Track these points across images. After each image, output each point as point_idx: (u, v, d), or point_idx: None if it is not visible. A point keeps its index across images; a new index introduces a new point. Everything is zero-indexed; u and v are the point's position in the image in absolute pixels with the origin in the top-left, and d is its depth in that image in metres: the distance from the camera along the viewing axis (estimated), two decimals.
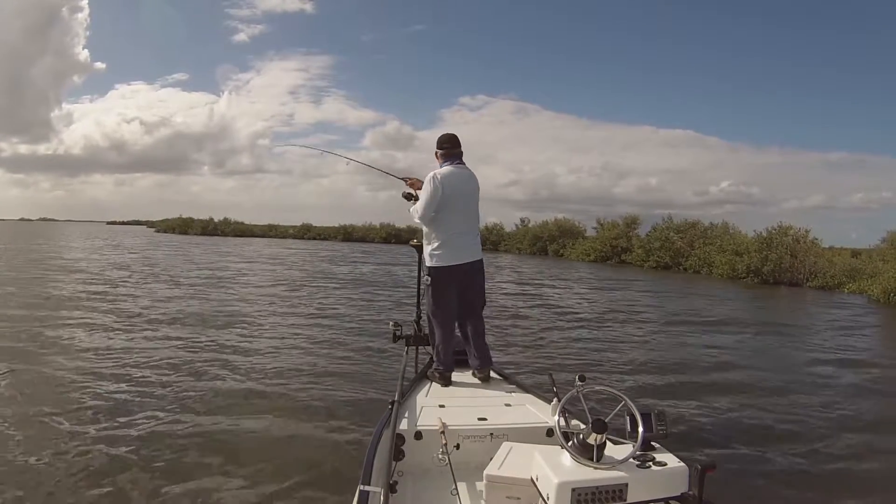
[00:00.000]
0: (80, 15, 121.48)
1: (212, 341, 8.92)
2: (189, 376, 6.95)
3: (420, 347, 4.83)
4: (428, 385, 4.02)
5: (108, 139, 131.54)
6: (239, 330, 9.97)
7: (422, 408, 3.54)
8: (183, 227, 73.59)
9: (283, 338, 9.49)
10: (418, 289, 4.86)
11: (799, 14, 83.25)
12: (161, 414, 5.59)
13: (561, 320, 12.24)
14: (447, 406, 3.59)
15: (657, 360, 8.52)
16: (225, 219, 73.46)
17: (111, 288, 15.05)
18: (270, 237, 64.76)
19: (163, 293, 14.62)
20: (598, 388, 3.05)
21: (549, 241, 43.63)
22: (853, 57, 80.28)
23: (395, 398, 3.50)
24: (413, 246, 4.90)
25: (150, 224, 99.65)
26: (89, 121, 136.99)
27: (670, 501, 2.40)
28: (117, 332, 9.36)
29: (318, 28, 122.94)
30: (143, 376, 6.86)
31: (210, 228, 70.51)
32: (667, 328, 11.82)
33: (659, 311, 14.78)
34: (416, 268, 4.94)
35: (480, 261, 4.30)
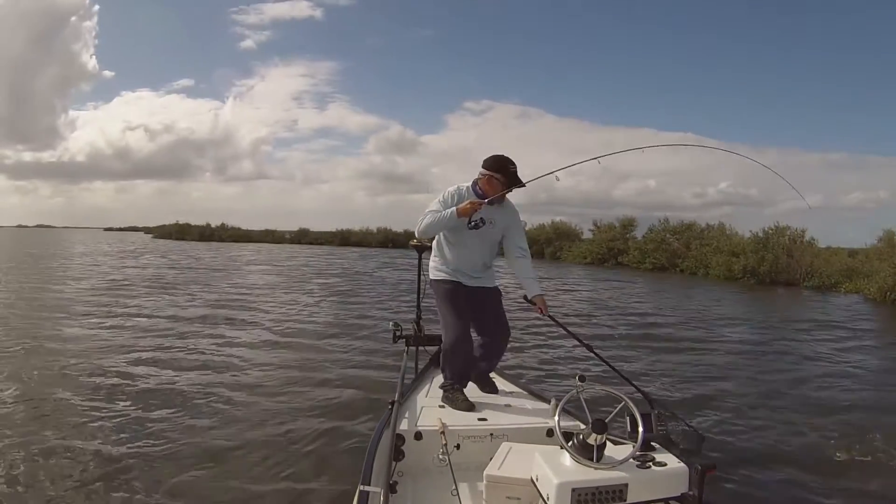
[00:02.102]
0: (88, 23, 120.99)
1: (209, 344, 8.92)
2: (188, 377, 6.95)
3: (420, 347, 4.82)
4: (428, 385, 4.02)
5: (112, 146, 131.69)
6: (237, 332, 9.97)
7: (422, 408, 3.55)
8: (180, 233, 73.33)
9: (282, 339, 9.49)
10: (418, 289, 4.86)
11: (798, 18, 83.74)
12: (159, 412, 5.61)
13: (561, 318, 12.21)
14: (447, 406, 3.60)
15: (655, 361, 8.52)
16: (222, 224, 73.34)
17: (110, 294, 15.03)
18: (267, 242, 64.58)
19: (160, 297, 14.58)
20: (597, 388, 3.06)
21: (545, 244, 43.62)
22: (852, 56, 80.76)
23: (395, 398, 3.50)
24: (413, 247, 4.91)
25: (147, 230, 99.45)
26: (94, 128, 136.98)
27: (670, 502, 2.41)
28: (114, 332, 9.39)
29: (326, 34, 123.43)
30: (145, 377, 6.89)
31: (207, 234, 70.31)
32: (663, 329, 11.80)
33: (655, 312, 14.76)
34: (416, 268, 4.95)
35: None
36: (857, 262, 25.06)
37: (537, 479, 2.44)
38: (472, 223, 3.71)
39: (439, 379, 3.93)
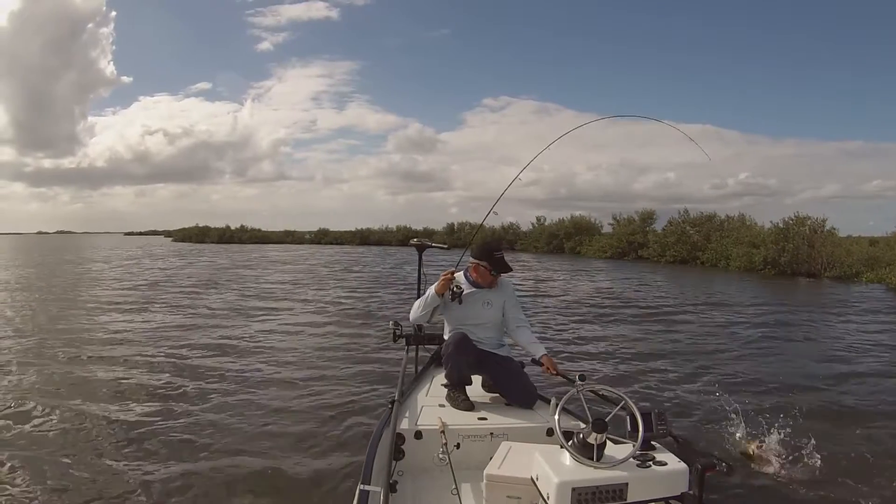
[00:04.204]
0: (105, 29, 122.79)
1: (211, 343, 9.03)
2: (186, 375, 7.03)
3: (420, 347, 4.80)
4: (428, 384, 4.00)
5: (131, 151, 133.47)
6: (239, 332, 10.05)
7: (422, 407, 3.54)
8: (200, 235, 74.26)
9: (283, 338, 9.55)
10: (418, 288, 4.83)
11: (814, 8, 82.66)
12: (161, 411, 5.66)
13: (567, 318, 12.07)
14: (447, 405, 3.59)
15: (660, 359, 8.27)
16: (241, 226, 74.05)
17: (141, 293, 15.26)
18: (287, 243, 65.04)
19: (167, 297, 14.90)
20: (598, 387, 3.03)
21: (565, 239, 43.47)
22: (868, 43, 79.51)
23: (395, 397, 3.49)
24: (413, 245, 4.89)
25: (167, 234, 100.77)
26: (113, 133, 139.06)
27: (670, 501, 2.38)
28: (123, 332, 9.60)
29: (343, 34, 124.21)
30: (144, 374, 7.05)
31: (227, 236, 71.05)
32: (677, 324, 11.59)
33: (670, 306, 14.56)
34: (417, 267, 4.92)
35: None
36: (879, 251, 24.61)
37: (537, 479, 2.42)
38: (451, 293, 3.83)
39: (439, 378, 3.92)
